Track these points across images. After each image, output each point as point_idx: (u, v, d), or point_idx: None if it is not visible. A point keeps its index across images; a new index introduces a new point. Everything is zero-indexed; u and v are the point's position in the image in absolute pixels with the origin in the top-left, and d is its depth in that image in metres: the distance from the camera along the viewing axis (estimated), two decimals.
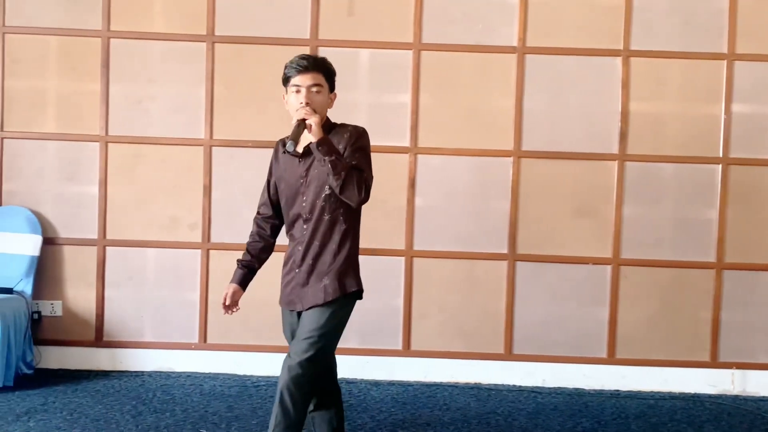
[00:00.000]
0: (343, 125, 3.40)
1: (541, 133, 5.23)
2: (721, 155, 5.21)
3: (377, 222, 5.25)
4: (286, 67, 3.32)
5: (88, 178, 5.27)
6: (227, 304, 3.42)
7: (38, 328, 5.23)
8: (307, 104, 3.22)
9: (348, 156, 3.28)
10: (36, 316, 5.20)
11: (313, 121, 3.16)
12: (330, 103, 3.39)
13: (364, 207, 5.15)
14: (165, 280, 5.29)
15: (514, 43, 5.21)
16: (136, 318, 5.30)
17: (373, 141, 5.24)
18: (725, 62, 5.20)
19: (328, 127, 3.35)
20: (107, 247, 5.27)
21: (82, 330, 5.28)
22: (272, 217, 3.53)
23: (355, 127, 3.38)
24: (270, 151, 3.59)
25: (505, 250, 5.25)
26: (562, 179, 5.23)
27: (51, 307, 5.27)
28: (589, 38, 5.21)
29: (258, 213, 3.57)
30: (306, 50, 5.14)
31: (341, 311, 3.34)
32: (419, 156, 5.25)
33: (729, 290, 5.24)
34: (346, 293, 3.34)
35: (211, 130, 5.24)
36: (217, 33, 5.23)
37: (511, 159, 5.22)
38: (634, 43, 5.21)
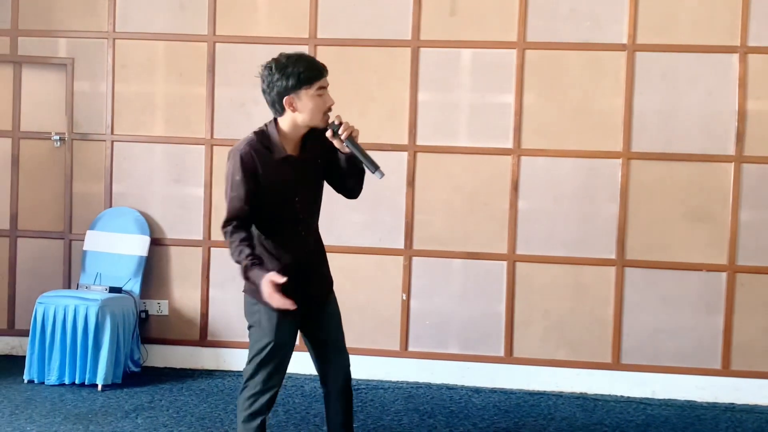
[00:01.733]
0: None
1: (652, 134, 5.04)
2: None
3: (479, 225, 5.17)
4: (303, 66, 3.01)
5: (194, 180, 5.38)
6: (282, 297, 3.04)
7: (145, 326, 5.37)
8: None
9: (330, 153, 3.17)
10: (143, 315, 5.33)
11: (357, 134, 3.09)
12: None
13: (464, 210, 5.15)
14: None
15: (624, 40, 5.03)
16: (239, 318, 5.33)
17: (475, 143, 5.27)
18: None
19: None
20: (212, 248, 5.35)
21: (187, 329, 5.39)
22: (251, 225, 3.20)
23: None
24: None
25: (613, 256, 5.07)
26: (675, 181, 5.03)
27: (158, 307, 5.39)
28: (703, 34, 4.99)
29: (236, 226, 3.11)
30: (407, 52, 5.12)
31: None
32: (522, 158, 5.13)
33: None
34: None
35: None
36: (319, 36, 5.24)
37: (620, 160, 5.05)
38: (752, 39, 4.97)
